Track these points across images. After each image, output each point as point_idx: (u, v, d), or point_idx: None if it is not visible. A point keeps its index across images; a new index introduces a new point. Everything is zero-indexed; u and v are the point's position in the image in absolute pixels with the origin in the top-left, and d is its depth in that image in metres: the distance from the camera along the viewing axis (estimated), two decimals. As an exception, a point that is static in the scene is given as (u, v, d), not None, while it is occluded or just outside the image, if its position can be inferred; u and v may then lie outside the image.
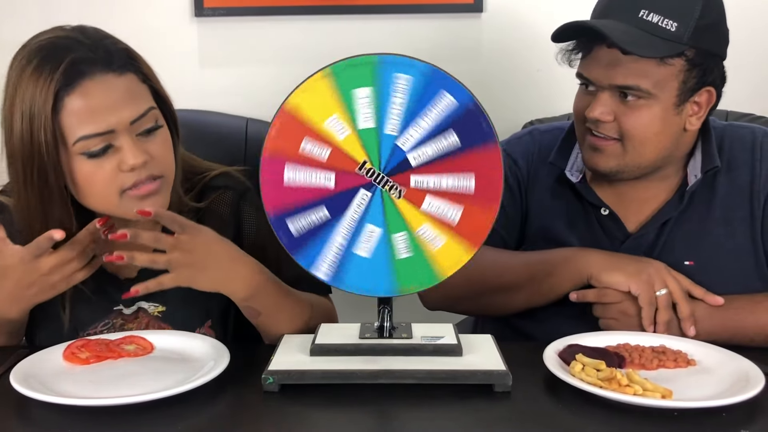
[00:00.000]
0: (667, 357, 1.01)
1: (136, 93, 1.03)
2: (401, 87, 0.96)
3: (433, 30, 1.80)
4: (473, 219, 0.98)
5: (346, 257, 1.00)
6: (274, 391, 0.96)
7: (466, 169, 0.97)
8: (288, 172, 0.98)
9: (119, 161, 1.01)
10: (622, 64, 1.10)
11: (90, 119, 0.99)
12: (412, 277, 1.00)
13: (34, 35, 1.07)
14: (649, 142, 1.14)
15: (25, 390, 0.92)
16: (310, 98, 0.97)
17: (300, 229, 0.99)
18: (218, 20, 1.81)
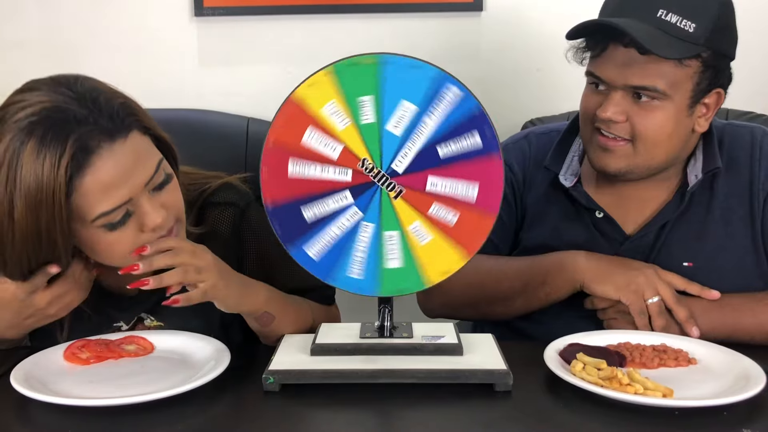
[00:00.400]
0: (668, 356, 1.01)
1: (143, 152, 0.98)
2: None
3: (432, 29, 1.80)
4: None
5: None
6: (274, 390, 0.96)
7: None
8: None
9: (140, 224, 0.98)
10: (639, 64, 1.09)
11: (106, 196, 0.94)
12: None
13: (14, 98, 0.97)
14: (661, 144, 1.13)
15: (25, 390, 0.92)
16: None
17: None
18: (218, 20, 1.81)
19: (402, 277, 0.99)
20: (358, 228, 0.99)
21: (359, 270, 1.00)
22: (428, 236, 0.98)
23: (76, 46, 1.85)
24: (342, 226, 0.99)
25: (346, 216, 0.99)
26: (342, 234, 0.99)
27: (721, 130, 1.23)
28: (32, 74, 1.93)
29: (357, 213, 0.98)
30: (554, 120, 1.62)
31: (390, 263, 0.99)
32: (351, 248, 0.99)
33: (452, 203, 0.98)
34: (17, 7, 1.85)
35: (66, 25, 1.84)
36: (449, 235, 0.98)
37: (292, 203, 0.98)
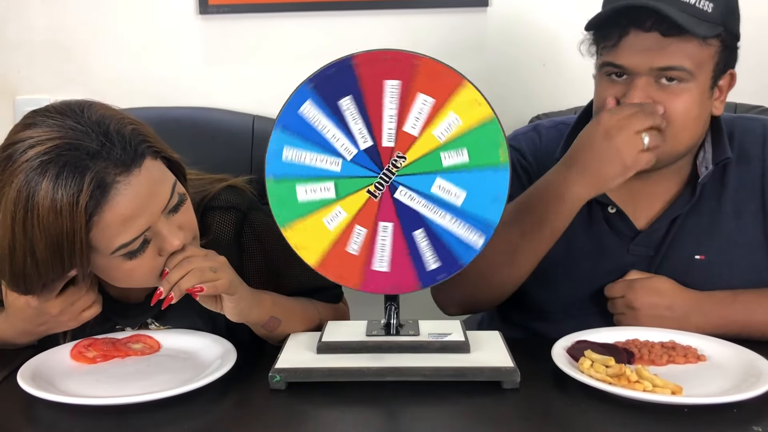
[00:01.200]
0: (677, 352, 1.01)
1: (158, 178, 0.97)
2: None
3: (438, 25, 1.79)
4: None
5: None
6: (281, 389, 0.96)
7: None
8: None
9: (159, 248, 0.97)
10: (664, 46, 1.07)
11: (125, 228, 0.93)
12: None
13: (19, 135, 0.93)
14: (689, 128, 1.12)
15: (31, 389, 0.92)
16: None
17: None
18: (223, 17, 1.80)
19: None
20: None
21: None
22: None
23: (81, 45, 1.85)
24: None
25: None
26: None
27: (732, 122, 1.22)
28: (38, 73, 1.95)
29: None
30: (561, 114, 1.61)
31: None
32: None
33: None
34: (22, 6, 1.85)
35: (71, 24, 1.85)
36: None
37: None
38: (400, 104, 0.97)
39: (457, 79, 0.96)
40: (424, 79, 0.96)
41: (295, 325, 1.11)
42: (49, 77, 1.87)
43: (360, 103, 0.96)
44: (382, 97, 0.96)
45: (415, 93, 0.96)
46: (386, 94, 0.96)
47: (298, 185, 0.98)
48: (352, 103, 0.97)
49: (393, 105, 0.97)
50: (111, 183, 0.91)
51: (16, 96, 1.88)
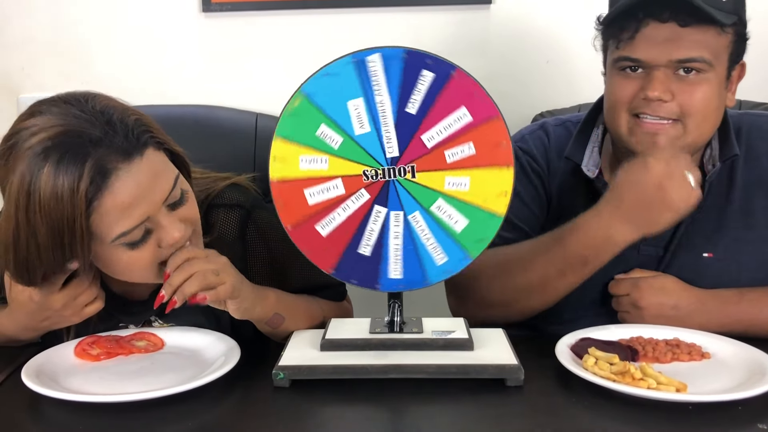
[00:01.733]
0: (681, 350, 1.00)
1: (159, 169, 0.97)
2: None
3: (441, 23, 1.79)
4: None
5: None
6: (284, 386, 0.96)
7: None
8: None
9: (159, 239, 0.97)
10: (683, 37, 1.07)
11: (125, 216, 0.93)
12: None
13: (23, 123, 0.94)
14: (709, 118, 1.11)
15: (36, 387, 0.92)
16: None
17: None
18: (225, 15, 1.80)
19: (475, 226, 0.99)
20: (388, 224, 1.00)
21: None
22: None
23: (85, 43, 1.85)
24: (372, 232, 1.00)
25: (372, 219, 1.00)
26: (375, 239, 1.00)
27: (738, 119, 1.22)
28: (42, 71, 1.95)
29: (381, 210, 1.00)
30: (565, 112, 1.61)
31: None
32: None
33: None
34: (26, 4, 1.85)
35: (75, 22, 1.85)
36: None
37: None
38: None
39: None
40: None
41: (299, 322, 1.11)
42: (52, 75, 1.87)
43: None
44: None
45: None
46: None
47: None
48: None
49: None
50: (112, 169, 0.91)
51: (19, 94, 1.88)
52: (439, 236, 1.00)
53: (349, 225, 1.00)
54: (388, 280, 1.01)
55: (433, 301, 1.29)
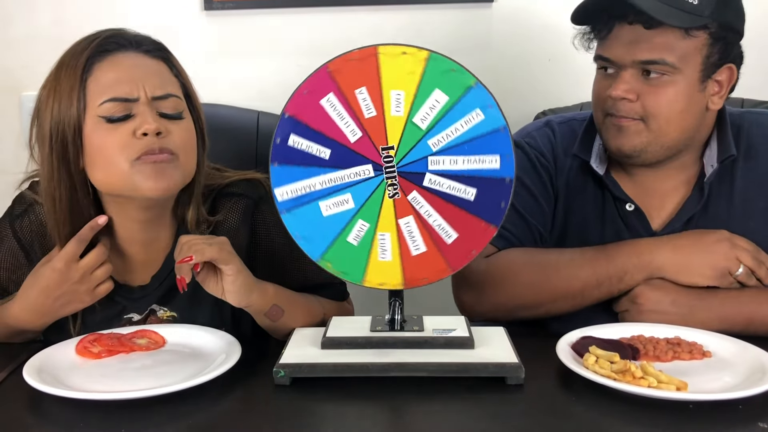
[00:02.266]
0: (681, 349, 1.00)
1: (164, 77, 1.07)
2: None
3: (443, 20, 1.79)
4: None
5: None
6: (285, 384, 0.96)
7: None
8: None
9: (135, 128, 1.02)
10: (646, 39, 1.09)
11: (116, 85, 1.02)
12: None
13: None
14: (674, 121, 1.12)
15: (37, 384, 0.92)
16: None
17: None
18: (227, 13, 1.80)
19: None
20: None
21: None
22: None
23: (87, 40, 1.85)
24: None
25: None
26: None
27: (739, 117, 1.22)
28: (44, 68, 1.95)
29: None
30: (567, 110, 1.61)
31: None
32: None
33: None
34: (28, 2, 1.85)
35: (77, 19, 1.85)
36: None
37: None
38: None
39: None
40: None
41: (299, 318, 1.11)
42: (54, 73, 1.88)
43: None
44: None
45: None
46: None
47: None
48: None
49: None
50: (119, 46, 1.05)
51: (22, 92, 1.89)
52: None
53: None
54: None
55: (434, 299, 1.29)
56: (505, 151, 0.97)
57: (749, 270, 1.11)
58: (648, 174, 1.19)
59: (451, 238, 0.99)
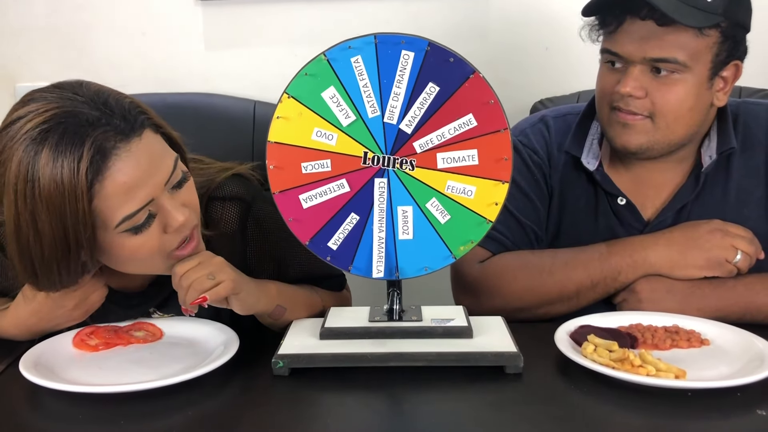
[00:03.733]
0: (680, 337, 1.00)
1: (159, 151, 0.96)
2: (359, 68, 0.96)
3: (440, 9, 1.78)
4: (489, 152, 0.97)
5: (393, 248, 1.00)
6: (284, 375, 0.96)
7: (460, 112, 0.96)
8: (303, 200, 0.99)
9: (164, 225, 0.96)
10: (658, 36, 1.07)
11: (128, 198, 0.92)
12: (461, 235, 0.98)
13: (17, 113, 0.92)
14: (682, 119, 1.12)
15: (34, 378, 0.92)
16: (286, 125, 0.98)
17: (338, 241, 1.00)
18: (222, 3, 1.79)
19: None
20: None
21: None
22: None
23: (81, 31, 1.85)
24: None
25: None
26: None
27: (736, 108, 1.21)
28: (38, 60, 1.94)
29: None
30: (564, 99, 1.60)
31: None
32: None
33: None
34: (22, -8, 1.85)
35: (71, 10, 1.84)
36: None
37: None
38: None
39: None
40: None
41: (300, 312, 1.11)
42: (49, 64, 1.87)
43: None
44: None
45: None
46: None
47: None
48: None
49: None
50: (111, 149, 0.90)
51: (16, 83, 1.88)
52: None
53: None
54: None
55: (432, 289, 1.29)
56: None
57: (747, 255, 1.11)
58: (646, 166, 1.19)
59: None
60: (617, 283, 1.14)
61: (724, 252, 1.11)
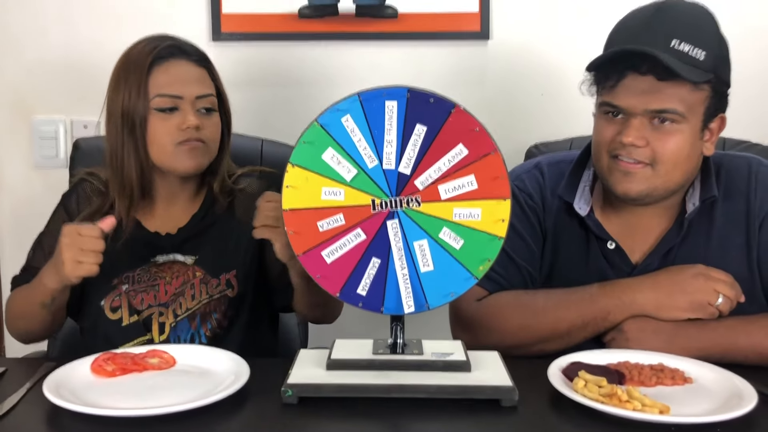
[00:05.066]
0: (665, 375, 1.06)
1: (204, 81, 1.36)
2: (350, 126, 1.04)
3: (442, 56, 1.86)
4: (487, 173, 1.04)
5: (417, 282, 1.06)
6: (292, 403, 1.01)
7: (450, 144, 1.03)
8: (325, 256, 1.06)
9: (181, 121, 1.32)
10: (659, 90, 1.16)
11: (168, 85, 1.32)
12: (478, 255, 1.05)
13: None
14: (680, 166, 1.20)
15: (57, 400, 0.97)
16: (296, 193, 1.05)
17: (365, 286, 1.06)
18: (235, 44, 1.87)
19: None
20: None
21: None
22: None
23: (96, 67, 1.88)
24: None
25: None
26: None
27: (719, 159, 1.29)
28: (55, 93, 2.00)
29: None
30: (558, 144, 1.67)
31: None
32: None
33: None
34: (40, 29, 1.92)
35: (87, 45, 1.91)
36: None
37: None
38: (429, 148, 1.04)
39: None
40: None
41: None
42: (65, 97, 1.93)
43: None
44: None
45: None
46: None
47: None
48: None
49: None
50: (174, 54, 1.34)
51: (33, 116, 1.94)
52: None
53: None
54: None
55: (433, 323, 1.34)
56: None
57: (728, 299, 1.18)
58: (635, 212, 1.27)
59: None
60: (606, 323, 1.21)
61: (707, 296, 1.18)
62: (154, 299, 1.34)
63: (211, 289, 1.36)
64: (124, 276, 1.35)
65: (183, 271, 1.36)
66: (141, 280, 1.35)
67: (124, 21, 1.89)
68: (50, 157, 1.95)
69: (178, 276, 1.36)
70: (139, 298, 1.34)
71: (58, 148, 1.95)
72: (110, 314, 1.34)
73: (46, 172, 1.95)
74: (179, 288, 1.35)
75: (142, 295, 1.34)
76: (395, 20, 1.84)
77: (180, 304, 1.34)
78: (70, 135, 1.94)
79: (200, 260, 1.37)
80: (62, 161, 1.92)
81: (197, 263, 1.37)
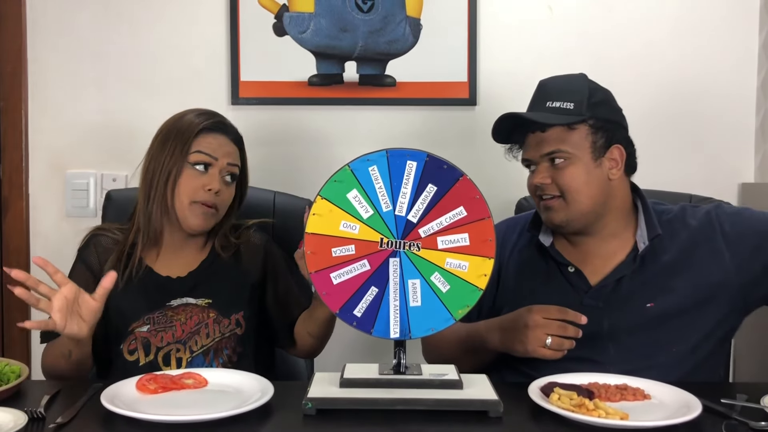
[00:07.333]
0: (628, 392, 1.24)
1: (234, 156, 1.59)
2: (374, 175, 1.24)
3: (435, 119, 2.08)
4: (479, 234, 1.24)
5: (405, 313, 1.25)
6: (312, 414, 1.18)
7: (453, 205, 1.24)
8: (333, 278, 1.25)
9: (207, 182, 1.53)
10: (546, 138, 1.46)
11: (207, 147, 1.55)
12: (460, 301, 1.24)
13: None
14: (581, 191, 1.45)
15: (113, 408, 1.15)
16: (320, 220, 1.25)
17: (362, 309, 1.25)
18: (251, 108, 2.08)
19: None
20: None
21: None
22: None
23: (126, 127, 2.11)
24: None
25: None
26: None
27: (674, 208, 1.53)
28: (87, 151, 2.19)
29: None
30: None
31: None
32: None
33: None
34: (78, 93, 2.12)
35: (119, 110, 2.11)
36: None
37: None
38: (436, 204, 1.24)
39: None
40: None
41: None
42: (97, 154, 2.12)
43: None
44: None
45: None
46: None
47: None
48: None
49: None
50: (217, 129, 1.57)
51: (67, 170, 2.13)
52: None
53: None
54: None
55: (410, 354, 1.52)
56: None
57: (557, 336, 1.35)
58: (587, 241, 1.50)
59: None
60: (488, 349, 1.46)
61: (537, 342, 1.35)
62: (172, 337, 1.52)
63: (223, 328, 1.55)
64: (146, 318, 1.53)
65: (197, 311, 1.55)
66: (159, 321, 1.53)
67: (152, 87, 2.10)
68: (81, 207, 2.14)
69: (192, 316, 1.54)
70: (159, 337, 1.52)
71: (89, 199, 2.13)
72: (128, 356, 1.52)
73: (76, 220, 2.13)
74: (194, 327, 1.53)
75: (162, 334, 1.52)
76: (394, 88, 2.06)
77: (195, 341, 1.53)
78: (99, 187, 2.13)
79: (214, 303, 1.56)
80: (92, 211, 2.10)
81: (211, 306, 1.56)
